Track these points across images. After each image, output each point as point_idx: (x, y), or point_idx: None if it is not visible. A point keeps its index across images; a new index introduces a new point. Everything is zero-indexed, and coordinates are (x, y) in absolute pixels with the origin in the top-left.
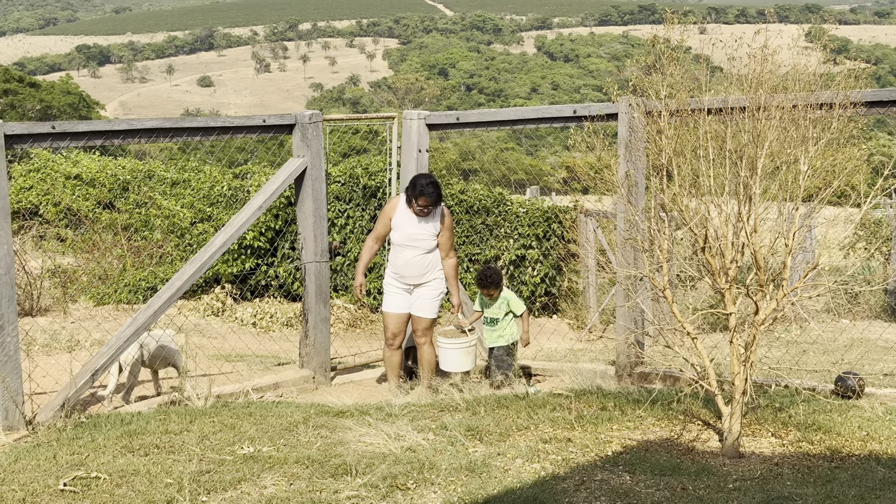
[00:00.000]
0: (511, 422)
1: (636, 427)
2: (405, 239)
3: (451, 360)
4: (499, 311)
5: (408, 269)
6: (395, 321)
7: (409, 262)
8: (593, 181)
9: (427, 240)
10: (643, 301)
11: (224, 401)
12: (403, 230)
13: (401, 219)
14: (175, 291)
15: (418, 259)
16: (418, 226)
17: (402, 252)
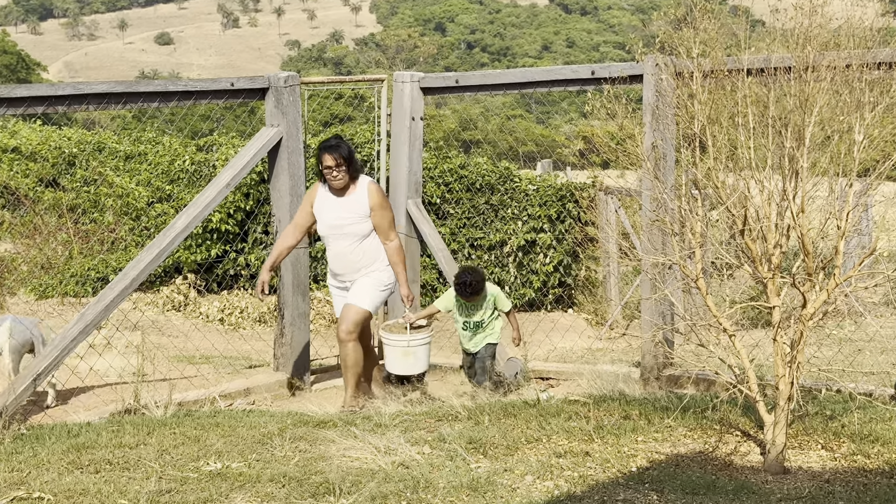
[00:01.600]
0: (520, 433)
1: (664, 439)
2: (328, 228)
3: (420, 358)
4: (485, 314)
5: (339, 264)
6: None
7: (339, 256)
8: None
9: (355, 224)
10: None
11: (187, 409)
12: (324, 217)
13: (321, 204)
14: (129, 283)
15: (350, 250)
16: (341, 209)
17: (332, 245)
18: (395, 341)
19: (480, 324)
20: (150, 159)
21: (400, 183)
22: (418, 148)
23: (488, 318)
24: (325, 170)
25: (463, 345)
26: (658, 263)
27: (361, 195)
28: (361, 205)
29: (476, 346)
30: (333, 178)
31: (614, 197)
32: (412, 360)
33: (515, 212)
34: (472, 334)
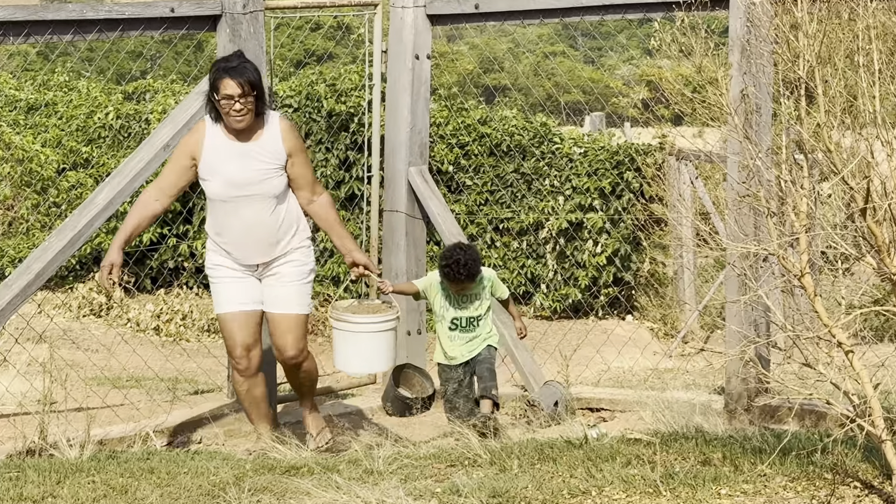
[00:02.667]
0: (560, 483)
1: (757, 491)
2: (228, 188)
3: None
4: (482, 306)
5: (244, 240)
6: (244, 325)
7: (247, 228)
8: (690, 105)
9: (268, 179)
10: (769, 294)
11: (110, 449)
12: (221, 172)
13: (213, 153)
14: (33, 278)
15: (262, 218)
16: (247, 160)
17: (232, 213)
18: (362, 325)
19: (476, 321)
20: (61, 111)
21: (399, 144)
22: (424, 97)
23: (485, 312)
24: (222, 101)
25: (446, 353)
26: (749, 254)
27: (273, 137)
28: (275, 151)
29: (471, 351)
30: (237, 113)
31: (689, 163)
32: (389, 351)
33: (555, 183)
34: (466, 336)
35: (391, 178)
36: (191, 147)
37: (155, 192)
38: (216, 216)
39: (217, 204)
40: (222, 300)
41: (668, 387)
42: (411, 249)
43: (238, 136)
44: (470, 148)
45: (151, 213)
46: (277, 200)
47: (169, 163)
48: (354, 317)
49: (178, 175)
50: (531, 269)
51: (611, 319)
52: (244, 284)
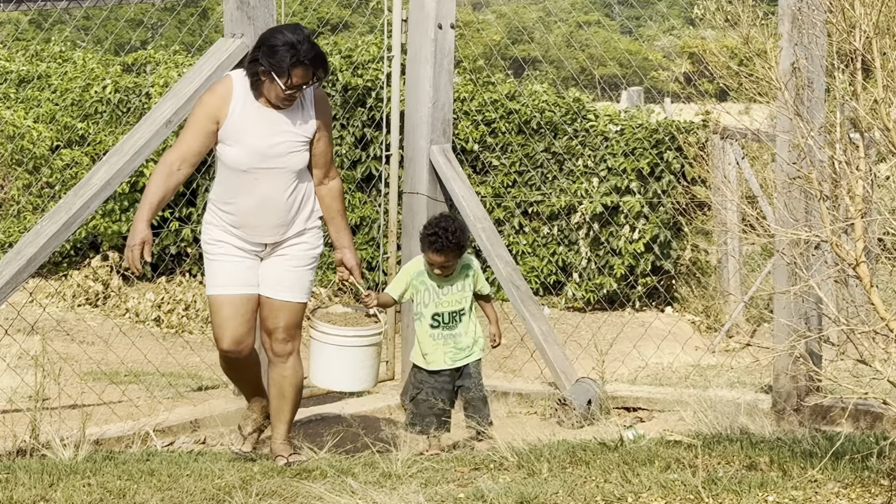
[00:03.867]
0: (594, 489)
1: (808, 498)
2: (254, 158)
3: (345, 366)
4: (465, 297)
5: (258, 217)
6: (240, 312)
7: (263, 204)
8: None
9: (296, 153)
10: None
11: (107, 450)
12: (249, 138)
13: (241, 117)
14: (24, 264)
15: (282, 195)
16: (278, 128)
17: (252, 185)
18: (347, 338)
19: (459, 316)
20: (55, 85)
21: (420, 120)
22: (447, 69)
23: (469, 306)
24: (286, 88)
25: (425, 355)
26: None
27: (306, 106)
28: (307, 122)
29: (454, 359)
30: (290, 99)
31: (735, 143)
32: (374, 367)
33: (589, 164)
34: (449, 334)
35: (411, 157)
36: (215, 107)
37: (177, 160)
38: (229, 187)
39: (234, 174)
40: (220, 280)
41: (710, 385)
42: None
43: (271, 103)
44: (497, 125)
45: (175, 183)
46: (298, 177)
47: (189, 126)
48: (326, 326)
49: (202, 141)
50: (563, 256)
51: (649, 311)
52: (245, 265)
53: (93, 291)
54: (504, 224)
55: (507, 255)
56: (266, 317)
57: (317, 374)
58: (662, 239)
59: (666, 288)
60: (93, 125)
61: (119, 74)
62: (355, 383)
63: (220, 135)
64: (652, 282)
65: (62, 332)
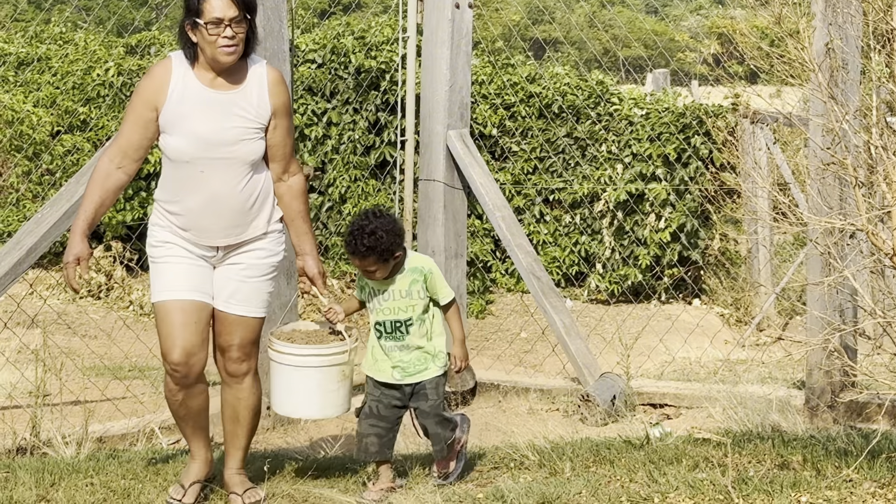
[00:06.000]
0: (619, 489)
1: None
2: (201, 145)
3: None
4: (411, 304)
5: (213, 218)
6: (192, 320)
7: (218, 200)
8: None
9: (248, 141)
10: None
11: (111, 448)
12: (190, 124)
13: (180, 101)
14: (24, 255)
15: (233, 190)
16: (224, 112)
17: (197, 179)
18: (304, 357)
19: (405, 326)
20: (56, 67)
21: (436, 104)
22: (465, 51)
23: (418, 316)
24: (209, 26)
25: (375, 363)
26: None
27: (259, 88)
28: (260, 106)
29: (404, 374)
30: (228, 43)
31: (766, 127)
32: (344, 391)
33: (613, 150)
34: (395, 346)
35: (427, 142)
36: (152, 92)
37: (117, 156)
38: (174, 183)
39: (176, 166)
40: (164, 285)
41: (740, 380)
42: (450, 223)
43: (215, 83)
44: (516, 109)
45: (115, 186)
46: (253, 169)
47: (127, 117)
48: (282, 345)
49: (142, 132)
50: (585, 246)
51: (676, 304)
52: (195, 270)
53: (95, 283)
54: (524, 212)
55: (527, 244)
56: (219, 332)
57: (275, 399)
58: (690, 228)
59: (693, 279)
60: (95, 109)
61: (122, 57)
62: (317, 409)
63: (160, 123)
64: (679, 273)
65: (63, 326)
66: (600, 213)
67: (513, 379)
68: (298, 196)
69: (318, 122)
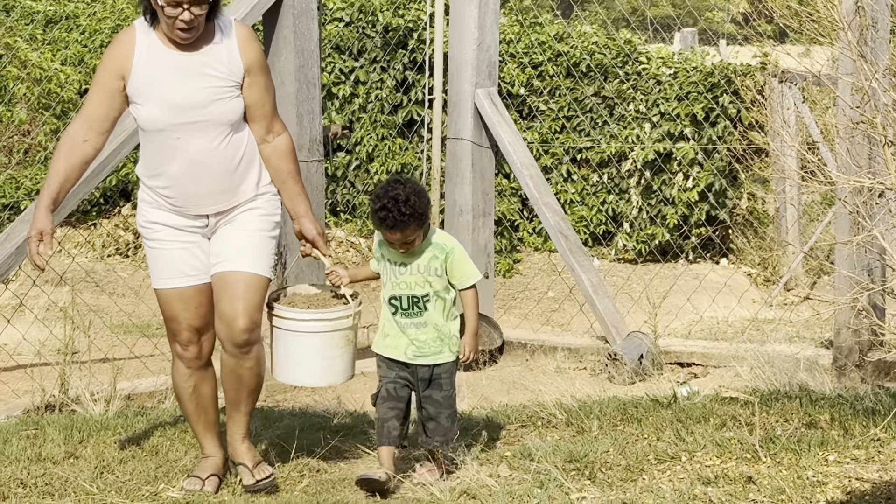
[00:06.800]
0: (646, 447)
1: (870, 458)
2: (172, 111)
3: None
4: (430, 279)
5: (199, 183)
6: (192, 305)
7: (193, 168)
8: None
9: (222, 100)
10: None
11: (139, 405)
12: (159, 91)
13: (146, 68)
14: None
15: (214, 154)
16: (192, 72)
17: (176, 145)
18: (305, 322)
19: (423, 303)
20: (84, 25)
21: (464, 63)
22: (493, 9)
23: (436, 292)
24: (165, 8)
25: (385, 338)
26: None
27: (228, 47)
28: (231, 64)
29: (416, 354)
30: (185, 27)
31: (794, 86)
32: (348, 357)
33: (641, 109)
34: (410, 323)
35: (455, 101)
36: (117, 61)
37: (82, 128)
38: (152, 155)
39: (152, 136)
40: (162, 272)
41: (768, 339)
42: (478, 182)
43: (181, 46)
44: (544, 68)
45: (82, 159)
46: (233, 129)
47: (93, 88)
48: (282, 309)
49: (108, 103)
50: (613, 205)
51: (703, 263)
52: (191, 250)
53: (123, 241)
54: (552, 171)
55: (555, 203)
56: (220, 297)
57: (276, 368)
58: (717, 187)
59: (721, 239)
60: None
61: None
62: (321, 377)
63: (129, 93)
64: (706, 232)
65: (91, 284)
66: (628, 172)
67: (540, 338)
68: (286, 156)
69: (346, 80)
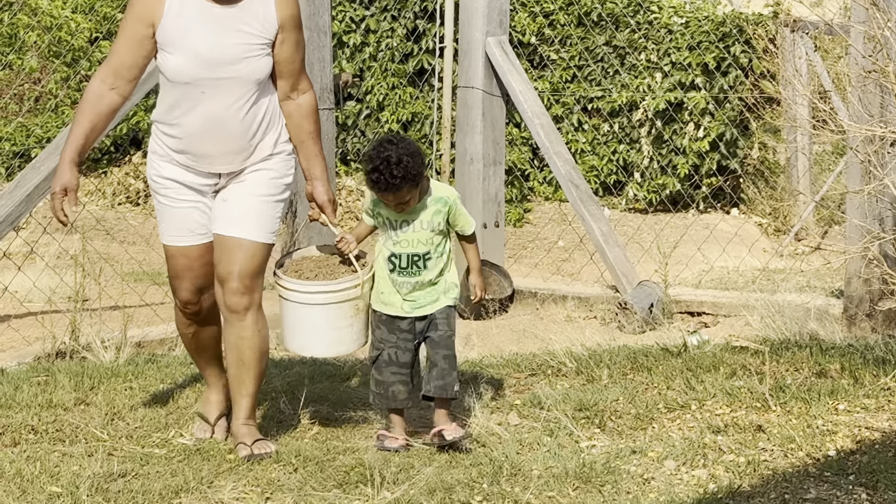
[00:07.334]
0: (656, 396)
1: (880, 407)
2: (202, 65)
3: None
4: (430, 237)
5: (214, 143)
6: (197, 263)
7: (219, 124)
8: None
9: (252, 58)
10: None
11: (150, 353)
12: (189, 41)
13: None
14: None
15: (236, 112)
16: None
17: (199, 100)
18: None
19: (422, 261)
20: None
21: (475, 11)
22: None
23: (436, 249)
24: None
25: (381, 295)
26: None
27: (264, 1)
28: (265, 20)
29: (415, 307)
30: None
31: (806, 35)
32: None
33: (653, 58)
34: (408, 282)
35: (466, 49)
36: (147, 8)
37: (109, 76)
38: (172, 104)
39: (176, 88)
40: (170, 229)
41: (778, 289)
42: (488, 131)
43: None
44: (555, 17)
45: (109, 108)
46: (259, 90)
47: (120, 35)
48: (288, 281)
49: (136, 50)
50: (623, 155)
51: (714, 213)
52: (201, 209)
53: (134, 189)
54: (562, 121)
55: (566, 152)
56: (218, 259)
57: (285, 337)
58: (729, 137)
59: (732, 188)
60: None
61: None
62: (329, 347)
63: (158, 40)
64: (717, 182)
65: (102, 232)
66: (639, 121)
67: (550, 286)
68: (308, 116)
69: (357, 29)
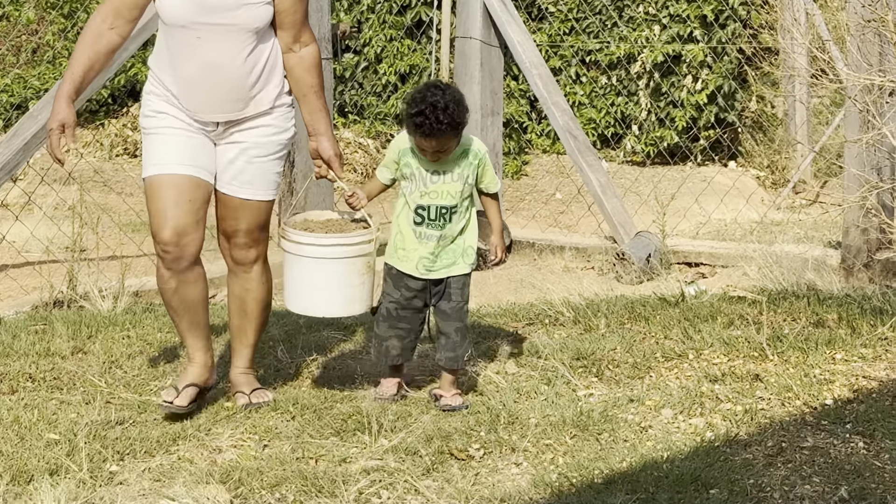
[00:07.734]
0: (654, 345)
1: (877, 356)
2: (198, 9)
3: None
4: (461, 191)
5: (211, 91)
6: (186, 198)
7: (215, 71)
8: None
9: (251, 5)
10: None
11: (147, 302)
12: None
13: None
14: None
15: (235, 60)
16: None
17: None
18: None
19: (449, 214)
20: None
21: None
22: None
23: (461, 203)
24: None
25: (398, 251)
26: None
27: None
28: None
29: (429, 268)
30: None
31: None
32: (367, 286)
33: (651, 10)
34: (432, 236)
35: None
36: None
37: (110, 15)
38: (168, 49)
39: (172, 33)
40: (156, 158)
41: (776, 240)
42: (486, 81)
43: None
44: None
45: (108, 47)
46: (257, 39)
47: None
48: (298, 234)
49: None
50: (621, 107)
51: (711, 165)
52: (193, 142)
53: (131, 141)
54: (561, 73)
55: (564, 103)
56: (223, 216)
57: (290, 296)
58: (727, 89)
59: (730, 141)
60: None
61: None
62: (341, 306)
63: None
64: (715, 134)
65: (100, 183)
66: (637, 74)
67: (548, 237)
68: (311, 69)
69: None
